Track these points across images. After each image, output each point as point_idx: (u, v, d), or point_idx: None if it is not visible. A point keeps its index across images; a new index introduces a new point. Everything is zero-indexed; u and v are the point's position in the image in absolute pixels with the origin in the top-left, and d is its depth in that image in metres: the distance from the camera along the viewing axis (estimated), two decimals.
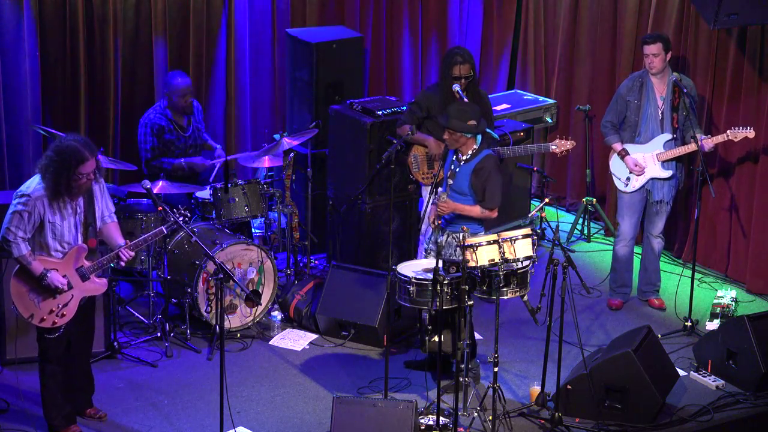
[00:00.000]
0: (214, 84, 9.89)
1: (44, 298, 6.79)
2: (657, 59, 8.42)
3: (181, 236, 8.32)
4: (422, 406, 7.27)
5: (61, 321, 6.84)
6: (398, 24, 10.68)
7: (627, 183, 8.62)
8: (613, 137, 8.63)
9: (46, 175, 6.67)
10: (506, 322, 8.33)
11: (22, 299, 6.79)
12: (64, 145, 6.68)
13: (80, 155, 6.63)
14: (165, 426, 7.22)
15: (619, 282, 8.88)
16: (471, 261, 6.99)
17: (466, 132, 7.42)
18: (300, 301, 8.53)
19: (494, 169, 7.51)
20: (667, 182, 8.58)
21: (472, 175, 7.46)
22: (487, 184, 7.46)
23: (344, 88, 9.48)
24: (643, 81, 8.53)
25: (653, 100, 8.50)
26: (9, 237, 6.68)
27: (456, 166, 7.54)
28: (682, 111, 8.49)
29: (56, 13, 9.06)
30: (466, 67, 8.26)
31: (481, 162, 7.47)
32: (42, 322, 6.81)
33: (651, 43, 8.43)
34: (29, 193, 6.69)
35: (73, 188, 6.69)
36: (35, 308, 6.79)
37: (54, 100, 9.19)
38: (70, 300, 6.85)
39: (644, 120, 8.53)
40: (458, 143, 7.47)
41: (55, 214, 6.73)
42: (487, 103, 8.59)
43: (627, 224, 8.70)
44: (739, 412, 7.47)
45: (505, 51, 11.01)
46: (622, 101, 8.59)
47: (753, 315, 7.78)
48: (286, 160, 8.90)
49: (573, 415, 7.29)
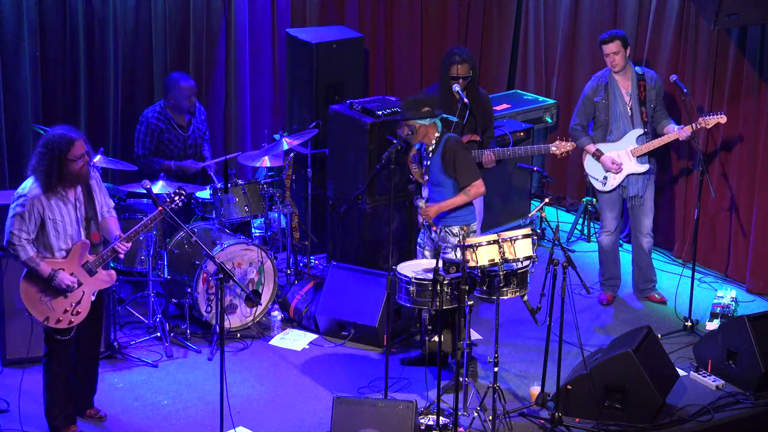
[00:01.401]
0: (214, 84, 9.89)
1: (56, 299, 6.79)
2: (618, 56, 8.47)
3: (181, 236, 8.32)
4: (422, 406, 7.27)
5: (77, 319, 6.84)
6: (398, 24, 10.69)
7: (605, 182, 8.67)
8: (584, 139, 8.67)
9: (38, 170, 6.67)
10: (506, 322, 8.33)
11: (34, 304, 6.78)
12: (49, 136, 6.69)
13: (67, 138, 6.63)
14: (165, 426, 7.22)
15: (607, 275, 8.91)
16: (471, 261, 7.00)
17: (421, 118, 7.41)
18: (300, 301, 8.53)
19: (458, 148, 7.52)
20: (642, 177, 8.61)
21: (442, 162, 7.47)
22: (456, 164, 7.46)
23: (344, 88, 9.48)
24: (607, 80, 8.56)
25: (620, 97, 8.55)
26: (14, 240, 6.67)
27: (426, 160, 7.55)
28: (649, 104, 8.53)
29: (56, 13, 9.06)
30: (465, 67, 8.26)
31: (444, 147, 7.49)
32: (58, 323, 6.80)
33: (609, 42, 8.48)
34: (25, 194, 6.69)
35: (67, 176, 6.66)
36: (49, 311, 6.79)
37: (54, 100, 9.19)
38: (82, 297, 6.85)
39: (614, 118, 8.57)
40: (420, 135, 7.47)
41: (55, 211, 6.72)
42: (487, 103, 8.60)
43: (609, 217, 8.77)
44: (739, 412, 7.47)
45: (505, 51, 11.01)
46: (589, 103, 8.63)
47: (753, 315, 7.78)
48: (286, 160, 8.91)
49: (573, 415, 7.29)
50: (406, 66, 10.77)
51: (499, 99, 10.36)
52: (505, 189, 9.89)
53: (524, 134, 9.81)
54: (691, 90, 9.15)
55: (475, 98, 8.31)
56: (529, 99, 10.51)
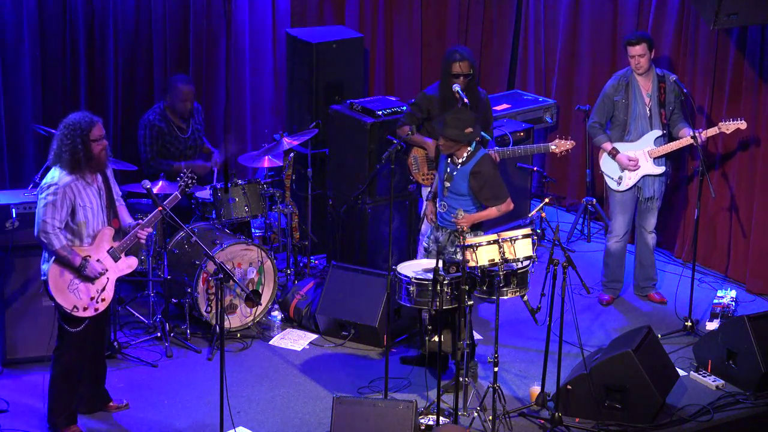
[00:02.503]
0: (214, 84, 9.89)
1: (84, 287, 6.82)
2: (643, 59, 8.46)
3: (181, 236, 8.32)
4: (422, 406, 7.27)
5: (102, 306, 6.89)
6: (398, 24, 10.68)
7: (620, 182, 8.64)
8: (602, 137, 8.65)
9: (63, 154, 6.70)
10: (506, 322, 8.33)
11: (63, 293, 6.79)
12: (68, 120, 6.75)
13: (87, 119, 6.73)
14: (165, 426, 7.22)
15: (610, 277, 8.90)
16: (471, 261, 7.00)
17: (463, 140, 7.42)
18: (300, 301, 8.53)
19: (492, 168, 7.53)
20: (658, 178, 8.61)
21: (471, 177, 7.46)
22: (488, 184, 7.47)
23: (344, 88, 9.48)
24: (628, 79, 8.55)
25: (640, 97, 8.54)
26: (48, 229, 6.67)
27: (453, 170, 7.53)
28: (669, 106, 8.52)
29: (56, 13, 9.06)
30: (466, 65, 8.25)
31: (478, 164, 7.47)
32: (85, 311, 6.84)
33: (636, 44, 8.45)
34: (56, 182, 6.70)
35: (93, 158, 6.72)
36: (77, 299, 6.81)
37: (54, 100, 9.19)
38: (106, 284, 6.89)
39: (633, 118, 8.56)
40: (453, 149, 7.47)
41: (85, 198, 6.76)
42: (486, 103, 8.59)
43: (619, 221, 8.73)
44: (739, 412, 7.47)
45: (505, 51, 11.01)
46: (609, 101, 8.61)
47: (753, 315, 7.78)
48: (286, 160, 8.91)
49: (573, 415, 7.29)
50: (406, 66, 10.77)
51: (499, 99, 10.36)
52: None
53: (524, 134, 9.81)
54: (691, 90, 9.15)
55: (475, 98, 8.31)
56: (529, 99, 10.51)
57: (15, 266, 7.67)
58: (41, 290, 7.31)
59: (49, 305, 7.70)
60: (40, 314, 7.71)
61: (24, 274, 7.69)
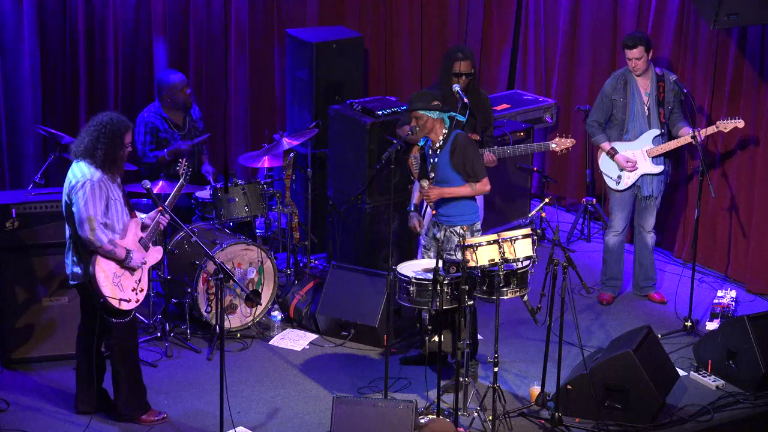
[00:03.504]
0: (214, 84, 9.89)
1: (125, 280, 6.86)
2: (640, 62, 8.47)
3: (181, 236, 8.32)
4: (422, 406, 7.27)
5: (141, 296, 6.94)
6: (398, 24, 10.68)
7: (618, 181, 8.66)
8: (600, 137, 8.66)
9: (97, 151, 6.69)
10: (506, 322, 8.33)
11: (111, 289, 6.80)
12: (107, 119, 6.76)
13: (126, 123, 6.81)
14: (165, 426, 7.22)
15: (608, 274, 8.91)
16: (471, 261, 7.00)
17: (431, 111, 7.40)
18: (300, 301, 8.53)
19: (468, 144, 7.51)
20: (656, 177, 8.62)
21: (451, 156, 7.45)
22: (466, 160, 7.45)
23: (344, 88, 9.48)
24: (626, 78, 8.56)
25: (638, 96, 8.54)
26: (95, 226, 6.66)
27: (434, 158, 7.53)
28: (667, 106, 8.53)
29: (56, 13, 9.06)
30: (467, 64, 8.25)
31: (453, 142, 7.46)
32: (129, 303, 6.86)
33: (632, 47, 8.44)
34: (89, 178, 6.70)
35: (121, 159, 6.80)
36: (121, 292, 6.84)
37: (54, 100, 9.19)
38: (142, 274, 6.94)
39: (631, 117, 8.57)
40: (426, 128, 7.45)
41: (114, 192, 6.80)
42: (487, 103, 8.59)
43: (618, 218, 8.76)
44: (739, 412, 7.47)
45: (505, 51, 11.01)
46: (607, 100, 8.62)
47: (753, 315, 7.77)
48: (286, 160, 8.90)
49: (573, 415, 7.29)
50: (406, 66, 10.77)
51: (499, 99, 10.35)
52: (505, 189, 9.89)
53: (524, 134, 9.80)
54: (691, 90, 9.15)
55: (475, 98, 8.31)
56: (529, 99, 10.51)
57: (15, 266, 7.67)
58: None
59: (50, 305, 7.73)
60: (40, 314, 7.72)
61: (24, 274, 7.68)
